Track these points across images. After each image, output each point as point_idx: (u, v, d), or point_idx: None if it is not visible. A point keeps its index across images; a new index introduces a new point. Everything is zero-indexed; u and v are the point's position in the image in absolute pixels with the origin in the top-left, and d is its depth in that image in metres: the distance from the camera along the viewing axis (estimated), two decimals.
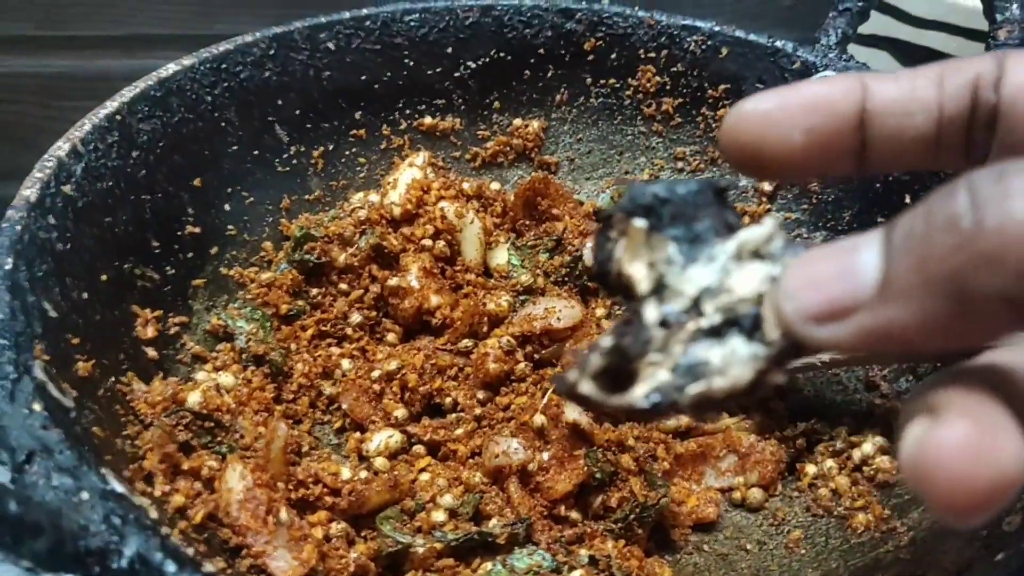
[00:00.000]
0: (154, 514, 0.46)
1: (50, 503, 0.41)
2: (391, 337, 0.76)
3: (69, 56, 1.08)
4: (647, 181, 0.89)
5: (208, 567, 0.43)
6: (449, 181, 0.82)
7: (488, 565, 0.57)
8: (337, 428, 0.70)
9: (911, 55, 1.02)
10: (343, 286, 0.76)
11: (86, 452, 0.46)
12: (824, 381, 0.76)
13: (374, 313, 0.76)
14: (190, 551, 0.44)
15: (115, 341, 0.62)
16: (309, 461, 0.62)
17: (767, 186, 0.86)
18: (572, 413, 0.66)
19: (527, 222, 0.83)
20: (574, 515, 0.64)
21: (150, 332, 0.65)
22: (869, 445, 0.68)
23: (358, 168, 0.86)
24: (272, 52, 0.79)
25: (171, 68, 0.73)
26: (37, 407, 0.46)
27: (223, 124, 0.77)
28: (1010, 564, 0.46)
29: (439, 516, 0.60)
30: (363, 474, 0.62)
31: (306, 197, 0.83)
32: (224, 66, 0.76)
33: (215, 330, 0.71)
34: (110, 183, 0.66)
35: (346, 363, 0.73)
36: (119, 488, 0.44)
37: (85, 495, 0.42)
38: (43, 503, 0.40)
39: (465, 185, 0.82)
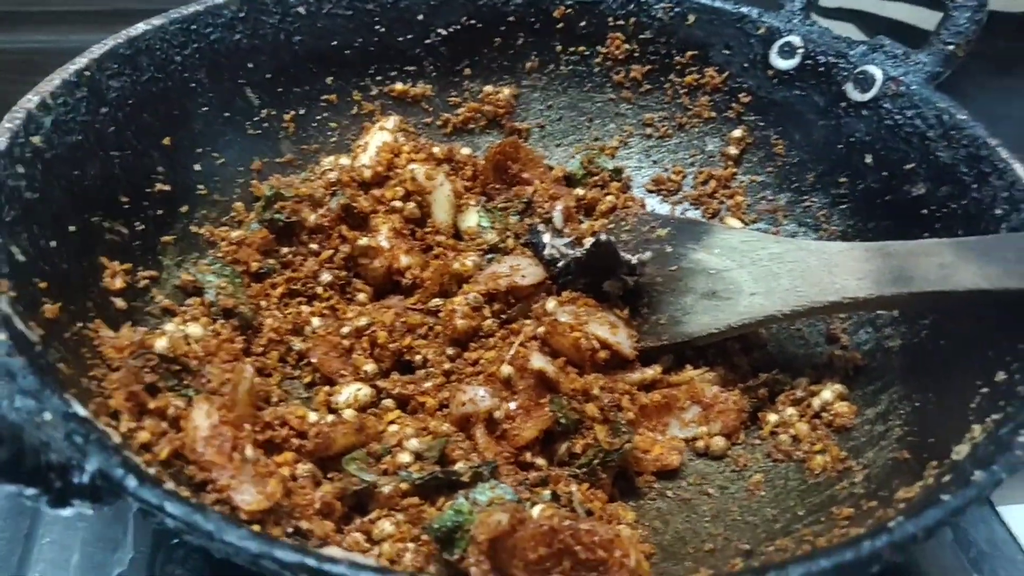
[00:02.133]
0: (117, 439, 0.46)
1: (12, 421, 0.42)
2: (361, 297, 0.76)
3: (46, 31, 1.08)
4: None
5: (169, 485, 0.44)
6: (420, 145, 0.83)
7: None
8: (307, 383, 0.71)
9: (875, 26, 1.03)
10: (313, 246, 0.77)
11: (49, 380, 0.46)
12: (787, 336, 0.77)
13: (344, 273, 0.77)
14: (152, 471, 0.45)
15: (83, 289, 0.62)
16: (276, 407, 0.63)
17: (733, 150, 0.87)
18: (538, 361, 0.67)
19: (497, 186, 0.84)
20: (540, 461, 0.65)
21: (118, 283, 0.65)
22: (828, 392, 0.69)
23: (329, 133, 0.86)
24: (242, 15, 0.80)
25: (141, 27, 0.74)
26: (1, 336, 0.46)
27: (193, 85, 0.77)
28: (956, 489, 0.48)
29: (405, 458, 0.61)
30: (330, 418, 0.62)
31: (277, 160, 0.83)
32: (194, 27, 0.77)
33: (185, 285, 0.72)
34: (79, 137, 0.66)
35: (316, 321, 0.74)
36: (82, 412, 0.45)
37: (48, 416, 0.43)
38: (4, 419, 0.41)
39: (435, 149, 0.83)
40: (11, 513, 0.68)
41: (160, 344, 0.61)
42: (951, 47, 0.78)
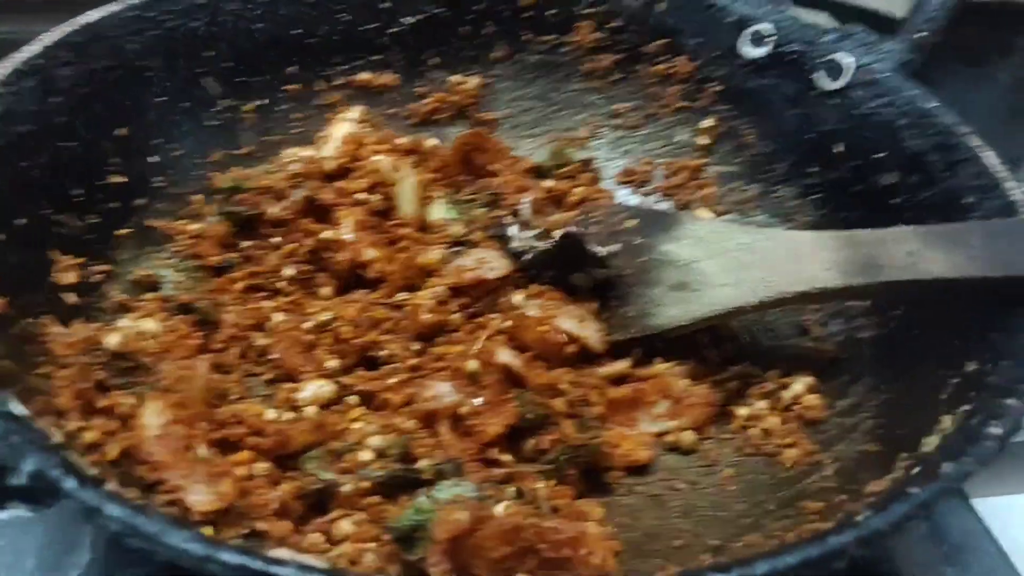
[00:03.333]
0: (59, 439, 0.44)
1: None
2: (325, 291, 0.74)
3: (11, 21, 1.05)
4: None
5: (110, 486, 0.42)
6: (384, 135, 0.81)
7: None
8: (268, 379, 0.69)
9: (848, 15, 1.03)
10: (275, 240, 0.75)
11: None
12: (759, 328, 0.76)
13: (308, 267, 0.75)
14: (93, 471, 0.43)
15: (32, 284, 0.60)
16: (233, 404, 0.61)
17: (703, 140, 0.86)
18: (504, 356, 0.65)
19: (464, 177, 0.83)
20: (506, 458, 0.63)
21: (70, 278, 0.63)
22: (799, 384, 0.68)
23: (292, 124, 0.84)
24: (201, 1, 0.78)
25: (94, 14, 0.72)
26: None
27: (149, 74, 0.75)
28: (925, 481, 0.47)
29: (366, 456, 0.59)
30: (288, 416, 0.61)
31: (236, 152, 0.81)
32: (150, 14, 0.75)
33: (141, 280, 0.70)
34: (28, 127, 0.64)
35: (278, 316, 0.72)
36: (20, 411, 0.43)
37: None
38: None
39: (400, 140, 0.81)
40: None
41: (112, 340, 0.59)
42: (922, 34, 0.77)
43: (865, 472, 0.55)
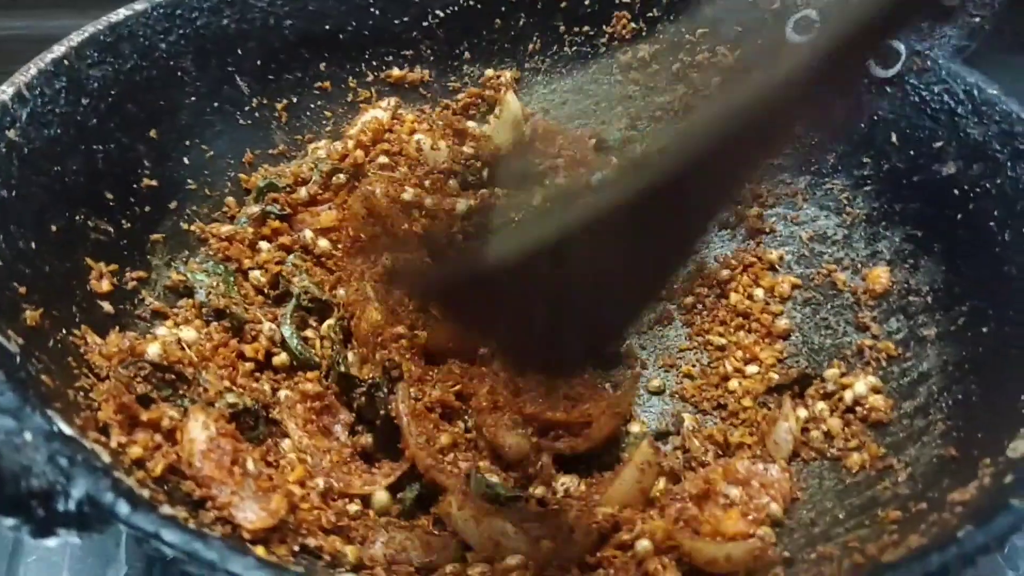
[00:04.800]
0: (107, 458, 0.42)
1: None
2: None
3: (20, 17, 1.03)
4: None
5: (166, 509, 0.40)
6: (424, 114, 0.80)
7: None
8: None
9: None
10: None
11: (30, 395, 0.42)
12: (812, 325, 0.73)
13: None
14: (145, 493, 0.41)
15: (67, 293, 0.58)
16: None
17: None
18: None
19: None
20: None
21: (105, 286, 0.61)
22: (861, 385, 0.65)
23: (324, 121, 0.82)
24: None
25: (122, 13, 0.70)
26: None
27: (179, 73, 0.73)
28: (1018, 489, 0.44)
29: None
30: None
31: (270, 151, 0.79)
32: (179, 12, 0.73)
33: (175, 286, 0.67)
34: (58, 130, 0.62)
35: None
36: (67, 430, 0.41)
37: (28, 436, 0.39)
38: None
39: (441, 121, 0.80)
40: None
41: (152, 350, 0.57)
42: (978, 19, 0.74)
43: (944, 479, 0.53)
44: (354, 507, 0.57)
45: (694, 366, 0.73)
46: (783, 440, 0.63)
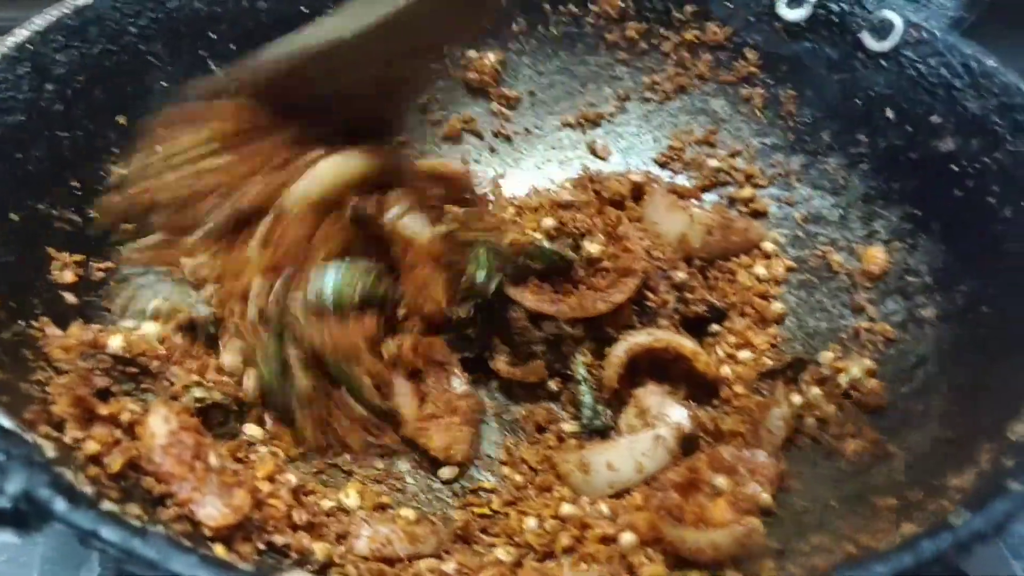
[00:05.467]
0: (52, 453, 0.40)
1: None
2: None
3: (9, 8, 1.01)
4: None
5: (107, 505, 0.37)
6: None
7: None
8: None
9: None
10: None
11: None
12: (807, 309, 0.71)
13: None
14: (88, 490, 0.39)
15: (27, 284, 0.56)
16: None
17: (740, 111, 0.81)
18: None
19: None
20: None
21: (68, 276, 0.59)
22: (856, 368, 0.63)
23: None
24: None
25: None
26: None
27: (150, 58, 0.71)
28: (1020, 473, 0.42)
29: None
30: None
31: None
32: None
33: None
34: (21, 117, 0.61)
35: None
36: (6, 424, 0.39)
37: None
38: None
39: None
40: None
41: (114, 343, 0.55)
42: None
43: (941, 464, 0.50)
44: (328, 503, 0.55)
45: None
46: (776, 427, 0.61)
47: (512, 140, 0.85)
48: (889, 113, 0.71)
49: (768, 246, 0.75)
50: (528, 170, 0.84)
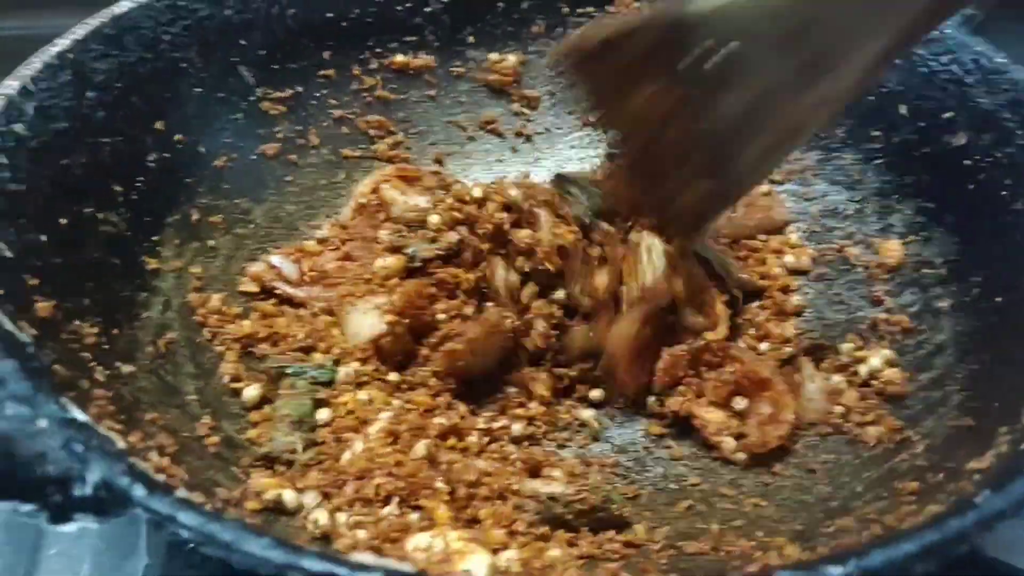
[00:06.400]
0: (122, 444, 0.42)
1: (3, 431, 0.38)
2: None
3: (23, 16, 1.04)
4: None
5: (181, 492, 0.40)
6: None
7: None
8: None
9: None
10: None
11: (44, 384, 0.42)
12: (825, 301, 0.73)
13: None
14: (161, 477, 0.41)
15: (79, 285, 0.58)
16: None
17: None
18: None
19: None
20: None
21: None
22: (876, 358, 0.65)
23: (329, 110, 0.82)
24: None
25: (125, 5, 0.70)
26: None
27: (183, 65, 0.73)
28: None
29: None
30: None
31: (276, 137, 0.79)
32: (181, 3, 0.72)
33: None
34: (65, 124, 0.62)
35: None
36: (81, 417, 0.41)
37: (43, 423, 0.39)
38: None
39: None
40: (13, 524, 0.64)
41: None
42: None
43: (961, 448, 0.52)
44: None
45: None
46: (816, 396, 0.63)
47: (533, 140, 0.87)
48: (902, 109, 0.73)
49: (794, 237, 0.77)
50: (550, 169, 0.85)
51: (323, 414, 0.59)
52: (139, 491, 0.37)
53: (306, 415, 0.59)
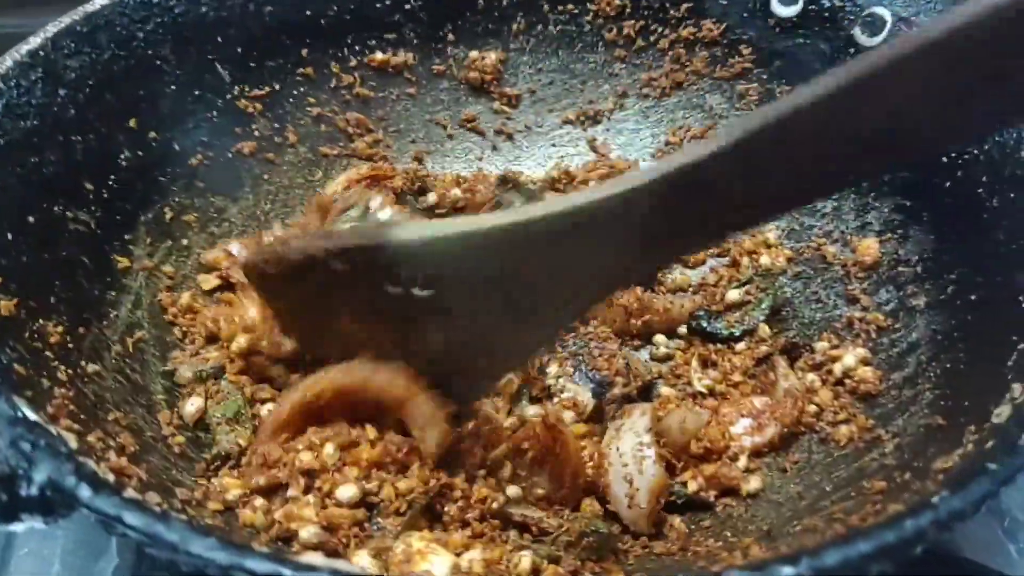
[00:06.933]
0: (74, 444, 0.42)
1: None
2: None
3: (16, 15, 1.03)
4: None
5: (129, 492, 0.39)
6: None
7: None
8: None
9: None
10: None
11: None
12: (802, 299, 0.72)
13: None
14: (111, 478, 0.41)
15: (45, 284, 0.58)
16: None
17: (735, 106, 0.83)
18: None
19: None
20: None
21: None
22: (850, 357, 0.65)
23: (307, 108, 0.82)
24: None
25: (98, 2, 0.69)
26: None
27: (158, 62, 0.72)
28: (1002, 455, 0.43)
29: None
30: None
31: (253, 135, 0.78)
32: (155, 0, 0.72)
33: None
34: (35, 122, 0.62)
35: None
36: (32, 416, 0.40)
37: None
38: None
39: None
40: None
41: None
42: None
43: (930, 447, 0.52)
44: None
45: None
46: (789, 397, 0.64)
47: (514, 138, 0.87)
48: None
49: (771, 237, 0.76)
50: (531, 167, 0.85)
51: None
52: (85, 492, 0.37)
53: (239, 411, 0.58)
